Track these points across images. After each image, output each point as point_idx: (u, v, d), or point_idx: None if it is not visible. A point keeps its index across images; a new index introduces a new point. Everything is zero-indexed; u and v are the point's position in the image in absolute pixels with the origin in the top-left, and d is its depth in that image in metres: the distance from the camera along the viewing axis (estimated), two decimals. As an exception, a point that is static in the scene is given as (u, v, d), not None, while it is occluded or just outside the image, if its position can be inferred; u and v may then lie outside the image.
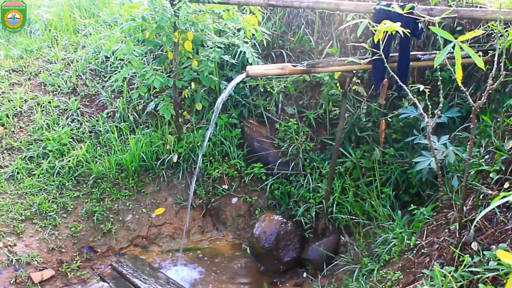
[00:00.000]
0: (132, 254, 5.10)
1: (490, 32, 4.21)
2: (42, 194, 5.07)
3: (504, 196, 1.39)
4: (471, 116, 3.03)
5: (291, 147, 5.29)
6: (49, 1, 7.55)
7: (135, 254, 5.11)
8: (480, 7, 4.39)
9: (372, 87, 4.82)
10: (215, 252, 5.23)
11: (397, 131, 4.83)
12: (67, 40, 6.70)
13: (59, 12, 7.16)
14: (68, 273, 4.71)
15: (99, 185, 5.28)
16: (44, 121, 5.60)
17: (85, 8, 7.30)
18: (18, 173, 5.19)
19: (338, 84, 4.83)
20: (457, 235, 3.33)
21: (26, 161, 5.30)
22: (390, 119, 4.83)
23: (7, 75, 6.17)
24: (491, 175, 3.46)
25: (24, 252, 4.62)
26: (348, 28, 5.19)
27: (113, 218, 5.18)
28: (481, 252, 3.09)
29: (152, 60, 5.84)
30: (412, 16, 3.33)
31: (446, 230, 3.55)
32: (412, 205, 4.25)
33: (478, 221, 3.33)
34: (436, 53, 4.01)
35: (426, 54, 4.03)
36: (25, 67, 6.31)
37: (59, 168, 5.24)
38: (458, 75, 2.58)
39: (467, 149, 3.25)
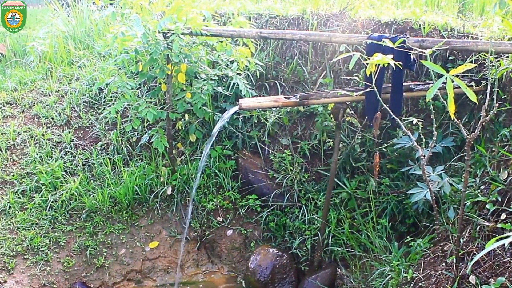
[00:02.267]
0: (125, 289, 5.03)
1: (482, 62, 4.22)
2: (34, 228, 5.00)
3: (499, 239, 1.35)
4: (465, 147, 3.01)
5: (286, 178, 5.25)
6: (44, 33, 7.58)
7: (128, 289, 5.04)
8: (472, 37, 4.41)
9: (366, 117, 4.80)
10: (210, 285, 5.14)
11: (392, 161, 4.80)
12: (61, 72, 6.70)
13: (54, 43, 7.17)
14: (60, 310, 4.64)
15: (92, 219, 5.21)
16: (37, 154, 5.56)
17: (79, 39, 7.32)
18: (10, 207, 5.13)
19: (331, 115, 4.82)
20: (455, 268, 3.28)
21: (18, 195, 5.25)
22: (384, 149, 4.81)
23: (0, 108, 6.15)
24: (487, 206, 3.43)
25: (15, 288, 4.54)
26: (341, 58, 5.20)
27: (106, 252, 5.11)
28: (479, 285, 3.04)
29: (146, 92, 5.83)
30: (404, 50, 3.33)
31: (443, 263, 3.50)
32: (408, 236, 4.21)
33: (475, 253, 3.28)
34: (429, 83, 4.01)
35: (419, 84, 4.03)
36: (19, 99, 6.30)
37: (52, 202, 5.18)
38: (451, 109, 2.56)
39: (463, 180, 3.22)
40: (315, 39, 4.36)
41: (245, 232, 5.32)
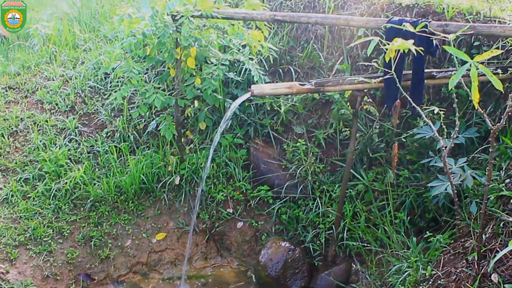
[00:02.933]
0: (131, 282, 5.08)
1: (510, 48, 4.17)
2: (37, 218, 5.05)
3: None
4: (490, 138, 2.98)
5: (300, 169, 5.24)
6: (48, 15, 7.60)
7: (134, 282, 5.08)
8: (499, 22, 4.35)
9: (385, 105, 4.77)
10: (219, 280, 5.17)
11: (411, 152, 4.77)
12: (66, 55, 6.73)
13: (58, 26, 7.20)
14: (63, 303, 4.69)
15: (97, 209, 5.25)
16: (40, 141, 5.60)
17: (85, 22, 7.34)
18: (12, 196, 5.17)
19: (348, 103, 4.80)
20: (476, 266, 3.26)
21: (21, 183, 5.29)
22: (404, 140, 4.78)
23: (3, 93, 6.19)
24: (512, 201, 3.40)
25: (17, 279, 4.59)
26: (360, 43, 5.16)
27: (111, 243, 5.15)
28: (501, 285, 3.02)
29: (154, 77, 5.85)
30: (426, 35, 3.29)
31: (464, 260, 3.48)
32: (428, 231, 4.19)
33: (498, 251, 3.26)
34: (452, 70, 3.97)
35: (442, 71, 3.99)
36: (22, 84, 6.33)
37: (56, 190, 5.22)
38: (475, 98, 2.53)
39: (486, 173, 3.19)
40: (332, 23, 4.34)
41: (256, 224, 5.33)
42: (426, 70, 3.83)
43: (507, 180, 3.64)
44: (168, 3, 4.46)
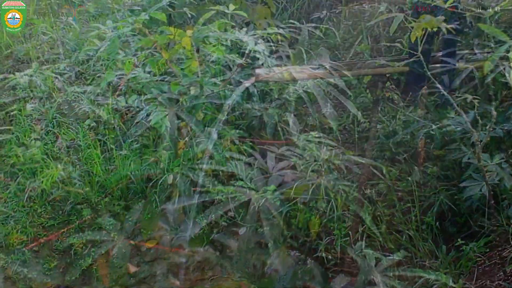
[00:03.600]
0: (117, 297, 5.09)
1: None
2: (9, 222, 5.07)
3: None
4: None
5: (312, 166, 5.23)
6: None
7: (121, 297, 5.10)
8: (544, -5, 4.33)
9: (410, 93, 4.76)
10: (218, 294, 5.19)
11: (441, 147, 4.76)
12: (43, 34, 6.73)
13: (35, 0, 7.21)
14: (39, 320, 4.72)
15: (78, 212, 5.27)
16: (13, 133, 5.62)
17: (65, -4, 7.37)
18: (-20, 197, 5.21)
19: (368, 90, 4.79)
20: (515, 279, 3.26)
21: (-10, 182, 5.32)
22: (432, 132, 4.77)
23: (-30, 78, 6.23)
24: (557, 204, 3.40)
25: (-13, 293, 4.63)
26: (382, 20, 5.15)
27: (94, 252, 5.14)
28: (544, 301, 3.02)
29: (144, 60, 5.84)
30: (458, 11, 3.28)
31: (501, 272, 3.48)
32: (459, 239, 4.18)
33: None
34: (488, 52, 3.96)
35: (476, 53, 3.98)
36: (-8, 67, 6.37)
37: (30, 191, 5.23)
38: (514, 84, 2.52)
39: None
40: (349, -3, 4.33)
41: (261, 230, 5.32)
42: (457, 52, 3.82)
43: (552, 180, 3.63)
44: (160, -26, 4.47)
